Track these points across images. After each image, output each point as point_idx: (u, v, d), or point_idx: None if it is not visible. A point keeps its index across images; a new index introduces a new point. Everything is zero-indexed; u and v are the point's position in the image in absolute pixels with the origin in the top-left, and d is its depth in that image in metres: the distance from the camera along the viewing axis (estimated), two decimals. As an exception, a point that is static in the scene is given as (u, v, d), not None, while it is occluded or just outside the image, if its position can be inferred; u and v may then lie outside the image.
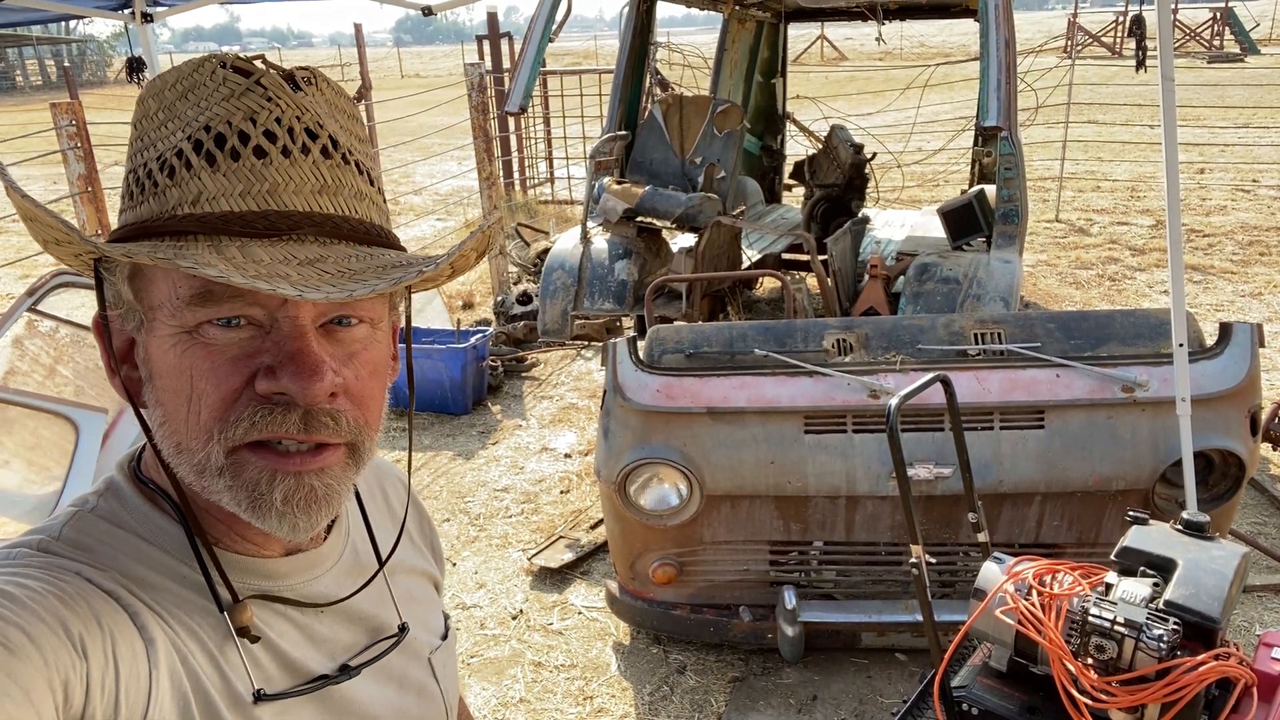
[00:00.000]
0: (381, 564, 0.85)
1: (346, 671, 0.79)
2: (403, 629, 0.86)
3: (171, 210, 0.64)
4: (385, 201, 0.76)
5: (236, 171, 0.64)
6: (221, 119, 0.64)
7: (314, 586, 0.79)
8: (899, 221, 6.43)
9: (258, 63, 0.67)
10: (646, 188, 4.80)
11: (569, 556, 3.82)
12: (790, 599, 2.83)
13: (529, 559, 3.83)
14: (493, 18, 10.81)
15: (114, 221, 0.73)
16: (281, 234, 0.65)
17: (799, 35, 30.87)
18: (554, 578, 3.76)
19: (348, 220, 0.68)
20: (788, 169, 7.12)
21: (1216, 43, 27.23)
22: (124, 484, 0.73)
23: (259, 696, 0.70)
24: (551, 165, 11.72)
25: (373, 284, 0.63)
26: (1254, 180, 10.70)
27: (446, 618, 1.00)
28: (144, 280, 0.67)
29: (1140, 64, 2.42)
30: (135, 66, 3.62)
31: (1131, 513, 1.68)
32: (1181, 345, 2.40)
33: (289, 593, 0.77)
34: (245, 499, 0.67)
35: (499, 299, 6.84)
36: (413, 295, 0.80)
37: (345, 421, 0.69)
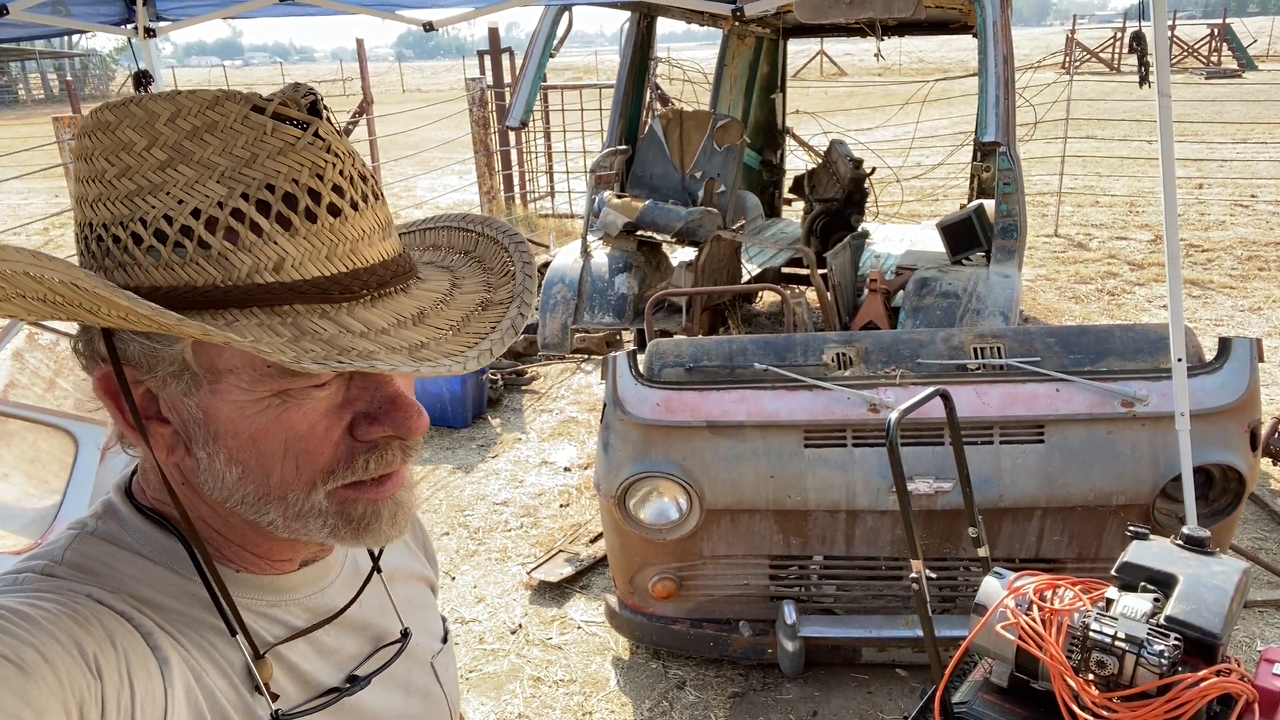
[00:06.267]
0: (376, 566, 0.86)
1: (356, 682, 0.79)
2: (405, 635, 0.87)
3: (248, 278, 0.59)
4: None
5: (318, 234, 0.60)
6: (286, 177, 0.59)
7: (321, 599, 0.79)
8: (898, 236, 6.44)
9: (291, 109, 0.61)
10: (646, 202, 4.81)
11: (568, 571, 3.81)
12: (790, 614, 2.82)
13: (528, 573, 3.82)
14: (494, 33, 10.86)
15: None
16: (373, 290, 0.63)
17: (798, 50, 31.03)
18: (553, 592, 3.75)
19: (400, 256, 0.67)
20: (787, 183, 7.14)
21: (1214, 59, 27.40)
22: (121, 506, 0.72)
23: (277, 716, 0.70)
24: (552, 179, 11.75)
25: (501, 334, 0.66)
26: (1252, 195, 10.73)
27: (444, 620, 1.01)
28: (205, 343, 0.62)
29: (1144, 80, 2.44)
30: (142, 80, 3.61)
31: (1132, 528, 1.68)
32: (1181, 360, 2.40)
33: (298, 606, 0.77)
34: (350, 532, 0.69)
35: (499, 312, 6.83)
36: None
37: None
